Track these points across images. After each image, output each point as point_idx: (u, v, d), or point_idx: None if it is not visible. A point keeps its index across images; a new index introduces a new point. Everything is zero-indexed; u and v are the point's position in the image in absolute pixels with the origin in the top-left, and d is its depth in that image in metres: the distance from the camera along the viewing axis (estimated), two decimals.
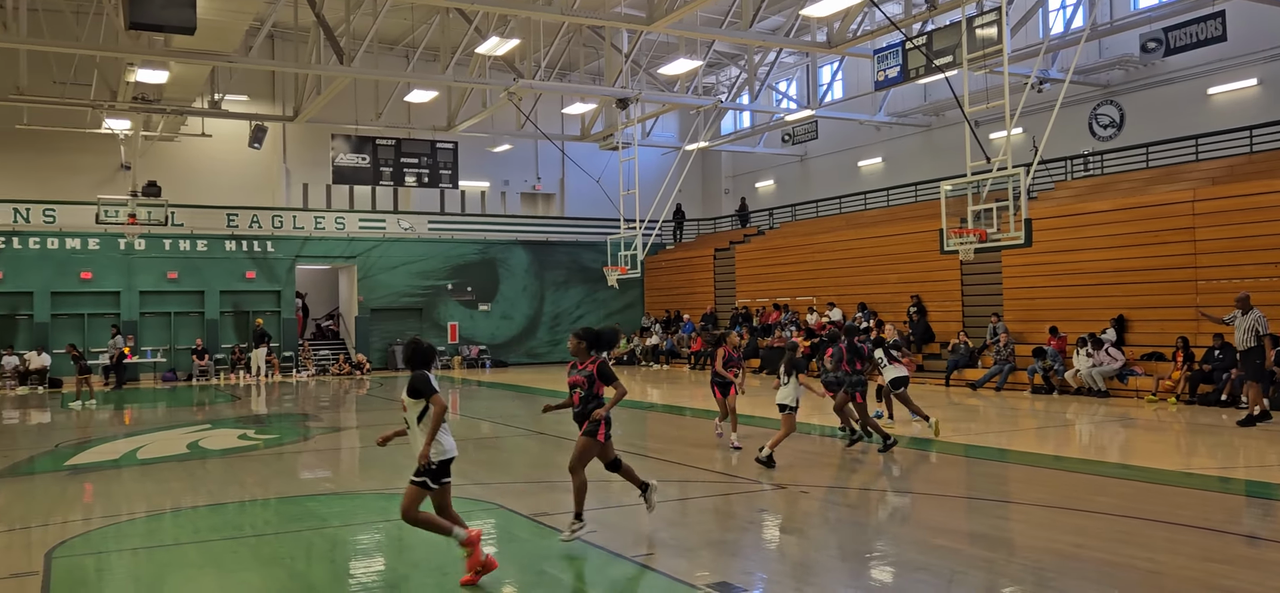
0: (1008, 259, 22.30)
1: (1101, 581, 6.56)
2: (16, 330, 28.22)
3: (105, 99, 25.36)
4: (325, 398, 23.01)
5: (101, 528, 8.76)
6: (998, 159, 16.15)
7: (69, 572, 7.21)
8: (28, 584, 6.87)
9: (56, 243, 28.82)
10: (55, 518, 9.25)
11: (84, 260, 29.06)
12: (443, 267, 33.94)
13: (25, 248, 28.44)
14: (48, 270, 28.61)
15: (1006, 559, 7.25)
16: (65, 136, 29.28)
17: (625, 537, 8.16)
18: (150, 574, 7.30)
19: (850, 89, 30.74)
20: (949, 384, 21.85)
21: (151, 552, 8.04)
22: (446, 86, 27.05)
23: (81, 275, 29.01)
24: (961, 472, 11.39)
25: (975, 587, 6.60)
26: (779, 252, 31.06)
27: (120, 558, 7.76)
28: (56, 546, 7.97)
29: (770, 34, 25.83)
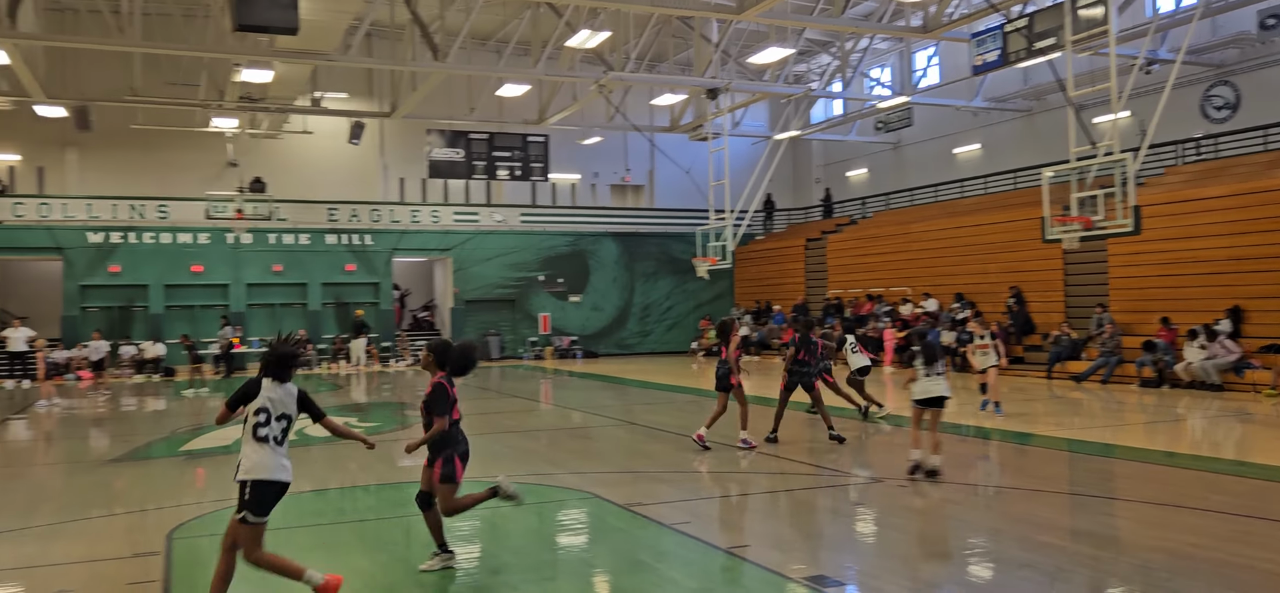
0: (1114, 248, 21.52)
1: (1218, 582, 6.29)
2: (133, 321, 29.60)
3: (213, 99, 26.38)
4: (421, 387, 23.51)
5: (216, 511, 9.12)
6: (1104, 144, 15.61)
7: (188, 552, 7.53)
8: (151, 564, 7.20)
9: (169, 238, 30.10)
10: (173, 501, 9.67)
11: (195, 254, 30.29)
12: (534, 258, 34.36)
13: (140, 243, 29.78)
14: (161, 264, 29.91)
15: (1114, 558, 7.02)
16: (176, 136, 30.55)
17: (718, 528, 8.15)
18: None
19: (946, 74, 30.03)
20: (1051, 377, 21.23)
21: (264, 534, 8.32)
22: (538, 80, 27.33)
23: (192, 269, 30.26)
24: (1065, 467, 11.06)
25: (1081, 585, 6.40)
26: (872, 241, 30.57)
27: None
28: (175, 527, 8.34)
29: (863, 20, 25.43)
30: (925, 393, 9.61)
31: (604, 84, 25.35)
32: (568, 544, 8.03)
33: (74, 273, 29.06)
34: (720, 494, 9.79)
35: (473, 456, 7.13)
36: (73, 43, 23.68)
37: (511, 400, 19.90)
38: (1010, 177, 28.21)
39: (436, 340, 7.09)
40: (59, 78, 26.83)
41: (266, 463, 5.78)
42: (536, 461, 11.93)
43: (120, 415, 18.18)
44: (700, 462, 11.55)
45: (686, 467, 11.21)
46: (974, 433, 13.36)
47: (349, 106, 30.75)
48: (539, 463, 11.75)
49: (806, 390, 12.68)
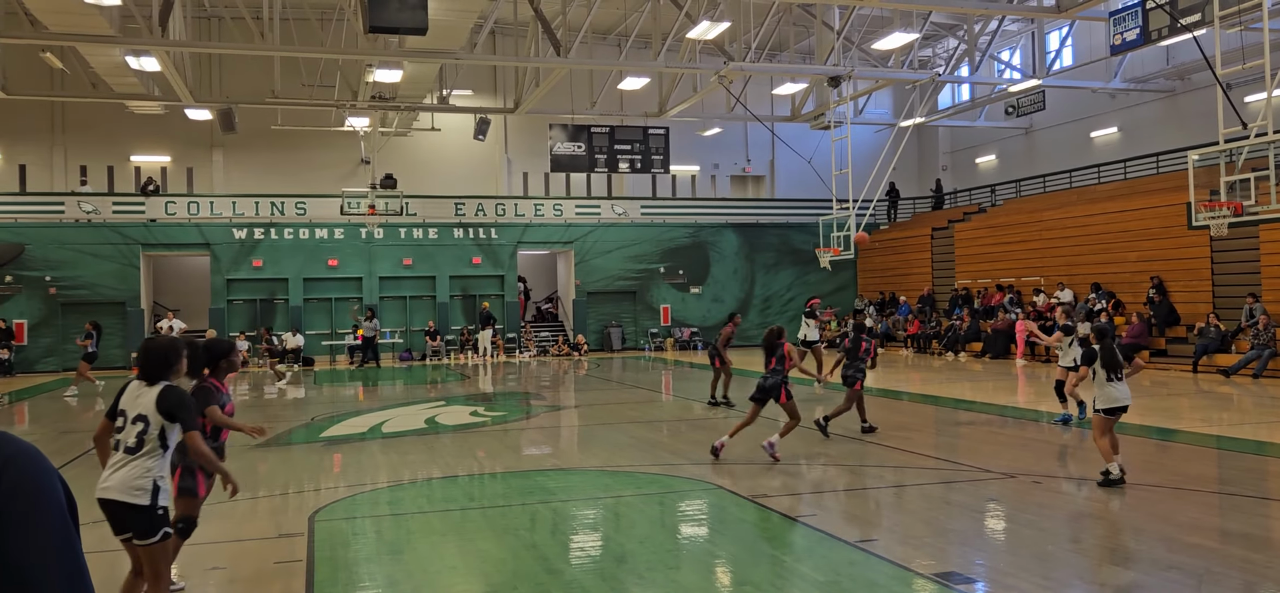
0: (1266, 235, 20.25)
1: None
2: (275, 313, 31.10)
3: (347, 99, 27.45)
4: (546, 378, 23.99)
5: (353, 495, 9.52)
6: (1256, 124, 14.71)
7: (330, 534, 7.89)
8: (296, 544, 7.58)
9: (307, 233, 31.48)
10: (313, 485, 10.14)
11: (331, 249, 31.60)
12: (654, 250, 34.54)
13: (280, 238, 31.24)
14: (300, 258, 31.31)
15: (1269, 561, 6.63)
16: (312, 135, 31.92)
17: (844, 521, 8.06)
18: (399, 538, 7.88)
19: (1081, 55, 28.79)
20: (1197, 370, 20.16)
21: (398, 518, 8.68)
22: (658, 73, 27.44)
23: (329, 263, 31.57)
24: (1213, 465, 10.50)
25: (1233, 589, 6.08)
26: (1002, 230, 29.58)
27: (372, 523, 8.42)
28: (317, 510, 8.74)
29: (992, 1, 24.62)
30: (1112, 402, 8.97)
31: (724, 75, 25.23)
32: (692, 535, 8.07)
33: (220, 267, 30.70)
34: (845, 487, 9.68)
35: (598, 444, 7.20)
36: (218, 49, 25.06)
37: (634, 392, 20.08)
38: (1151, 161, 26.87)
39: (206, 343, 6.22)
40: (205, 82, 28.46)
41: (101, 478, 4.97)
42: (660, 451, 12.02)
43: (262, 403, 19.13)
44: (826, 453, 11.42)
45: (811, 458, 11.11)
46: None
47: (474, 103, 31.54)
48: (663, 454, 11.83)
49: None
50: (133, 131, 31.27)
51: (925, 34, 28.26)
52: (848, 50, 26.42)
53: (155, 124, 30.86)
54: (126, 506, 4.85)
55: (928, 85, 30.15)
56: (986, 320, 27.25)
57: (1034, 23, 29.20)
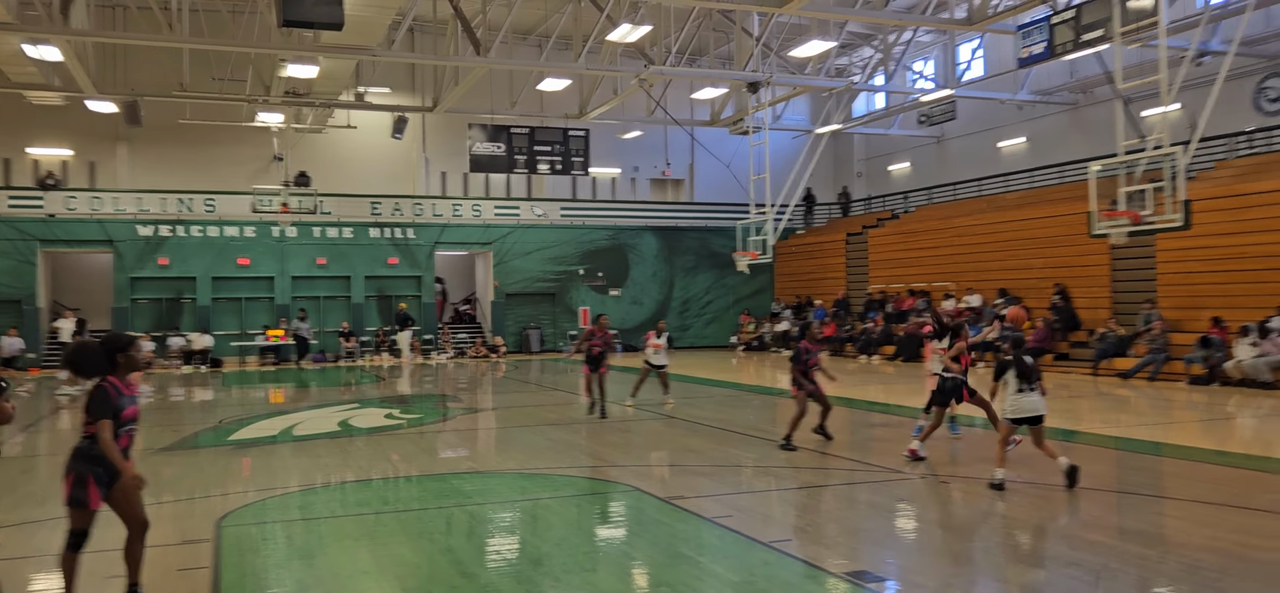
0: (1163, 243, 21.14)
1: (1269, 582, 6.19)
2: (182, 313, 30.15)
3: (259, 94, 26.78)
4: (463, 380, 23.74)
5: (263, 500, 9.28)
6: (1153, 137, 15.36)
7: (237, 539, 7.68)
8: (201, 550, 7.35)
9: (216, 231, 30.61)
10: (220, 489, 9.85)
11: (241, 247, 30.77)
12: (574, 252, 34.48)
13: (188, 235, 30.31)
14: (208, 257, 30.42)
15: (1162, 557, 6.92)
16: (223, 130, 31.04)
17: (760, 522, 8.15)
18: (310, 543, 7.71)
19: (991, 67, 29.65)
20: (1097, 373, 20.92)
21: (309, 523, 8.49)
22: (578, 75, 27.40)
23: (239, 262, 30.74)
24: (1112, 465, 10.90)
25: (1128, 585, 6.32)
26: (914, 236, 30.30)
27: (282, 528, 8.22)
28: (224, 515, 8.50)
29: (906, 12, 25.19)
30: (1020, 411, 9.00)
31: (645, 78, 25.35)
32: (608, 537, 8.07)
33: (124, 265, 29.65)
34: (762, 489, 9.79)
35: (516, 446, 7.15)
36: (123, 39, 24.21)
37: (552, 394, 20.00)
38: (1056, 171, 27.82)
39: (73, 346, 5.89)
40: (109, 73, 27.42)
41: None
42: (578, 454, 11.99)
43: (168, 406, 18.54)
44: (743, 456, 11.55)
45: (727, 461, 11.22)
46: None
47: (392, 101, 31.08)
48: (580, 456, 11.81)
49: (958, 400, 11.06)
50: (31, 122, 29.97)
51: (842, 43, 28.78)
52: (766, 57, 26.76)
53: (55, 115, 29.64)
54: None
55: (844, 93, 30.72)
56: (899, 324, 27.87)
57: (946, 35, 29.99)
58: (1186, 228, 15.15)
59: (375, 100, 30.12)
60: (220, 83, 27.65)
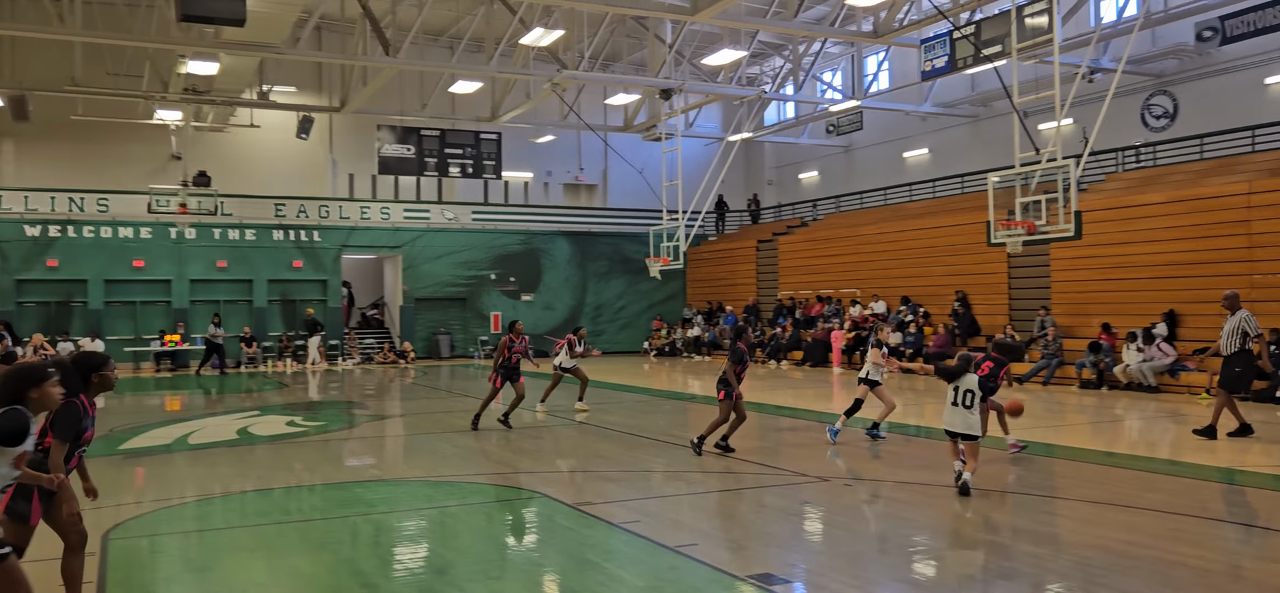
0: (1056, 252, 21.97)
1: (1153, 579, 6.45)
2: (72, 317, 28.90)
3: (157, 91, 25.86)
4: (370, 386, 23.29)
5: (155, 511, 8.94)
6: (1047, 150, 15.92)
7: (125, 553, 7.37)
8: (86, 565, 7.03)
9: (109, 232, 29.44)
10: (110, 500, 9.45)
11: (136, 249, 29.65)
12: (486, 257, 34.17)
13: (80, 236, 29.08)
14: (101, 259, 29.23)
15: (1054, 555, 7.16)
16: (118, 127, 29.89)
17: (667, 527, 8.17)
18: (202, 556, 7.45)
19: (896, 79, 30.42)
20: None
21: (203, 535, 8.20)
22: (491, 77, 27.19)
23: (134, 264, 29.62)
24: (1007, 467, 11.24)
25: (1023, 583, 6.52)
26: (823, 244, 30.86)
27: (173, 540, 7.93)
28: (112, 527, 8.16)
29: (815, 24, 25.66)
30: (949, 425, 9.26)
31: (557, 82, 25.29)
32: (515, 544, 7.99)
33: (9, 267, 28.31)
34: (671, 494, 9.82)
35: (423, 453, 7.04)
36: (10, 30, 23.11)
37: (462, 400, 19.76)
38: (958, 181, 28.65)
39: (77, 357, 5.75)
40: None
41: None
42: (486, 461, 11.86)
43: None
44: (653, 461, 11.57)
45: (638, 466, 11.23)
46: (916, 433, 13.56)
47: (297, 101, 30.34)
48: (489, 463, 11.69)
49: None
50: None
51: (753, 52, 29.18)
52: (679, 64, 26.96)
53: None
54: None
55: (755, 102, 31.14)
56: (807, 330, 28.34)
57: (853, 47, 30.64)
58: (1078, 238, 15.75)
59: (280, 99, 29.39)
60: (115, 78, 26.63)
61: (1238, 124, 21.87)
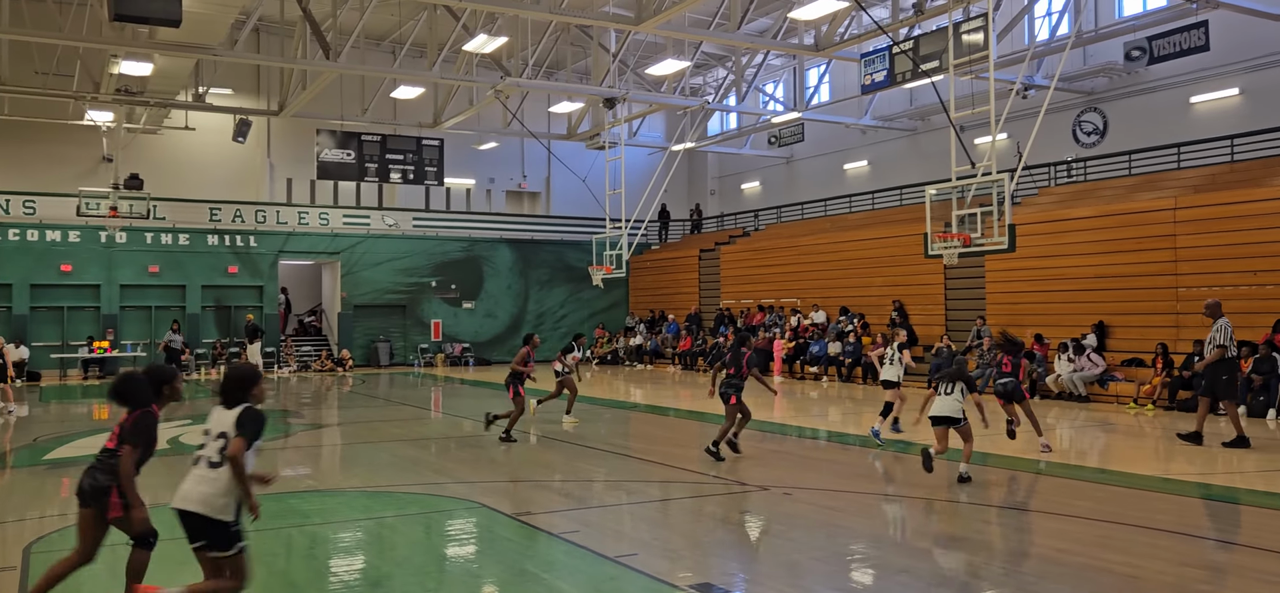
0: (991, 264, 22.41)
1: (1080, 585, 6.60)
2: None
3: (88, 91, 25.17)
4: (306, 394, 22.92)
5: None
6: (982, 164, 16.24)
7: (47, 567, 7.13)
8: (5, 580, 6.81)
9: (36, 235, 28.57)
10: (34, 513, 9.17)
11: (64, 253, 28.82)
12: (427, 264, 33.85)
13: (4, 239, 28.18)
14: (27, 262, 28.35)
15: (987, 562, 7.30)
16: (47, 128, 29.04)
17: (608, 537, 8.16)
18: None
19: (837, 92, 30.82)
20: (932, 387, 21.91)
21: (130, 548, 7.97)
22: (433, 83, 26.97)
23: (61, 268, 28.78)
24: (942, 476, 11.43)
25: (956, 589, 6.64)
26: (764, 253, 31.12)
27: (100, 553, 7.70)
28: (35, 541, 7.91)
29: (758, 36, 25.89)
30: (936, 411, 10.58)
31: (501, 89, 25.17)
32: (453, 555, 7.92)
33: None
34: (611, 503, 9.81)
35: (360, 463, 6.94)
36: None
37: (400, 409, 19.55)
38: (896, 193, 29.10)
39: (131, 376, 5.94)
40: None
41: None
42: (424, 470, 11.74)
43: None
44: (594, 471, 11.55)
45: (579, 476, 11.20)
46: (858, 443, 13.72)
47: (234, 103, 29.78)
48: (427, 473, 11.56)
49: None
50: None
51: (697, 63, 29.34)
52: (623, 73, 27.01)
53: None
54: (205, 519, 5.15)
55: (698, 112, 31.31)
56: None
57: (795, 59, 30.97)
58: (1011, 250, 16.07)
59: (216, 101, 28.79)
60: (44, 77, 25.87)
61: (1164, 141, 22.55)
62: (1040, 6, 23.87)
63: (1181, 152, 22.02)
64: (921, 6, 18.93)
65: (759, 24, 27.25)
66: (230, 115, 28.90)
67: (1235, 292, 18.13)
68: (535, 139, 30.99)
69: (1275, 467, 11.78)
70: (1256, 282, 17.91)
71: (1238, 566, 7.10)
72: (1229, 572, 6.93)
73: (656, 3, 19.07)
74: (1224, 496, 9.89)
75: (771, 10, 25.58)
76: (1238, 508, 9.44)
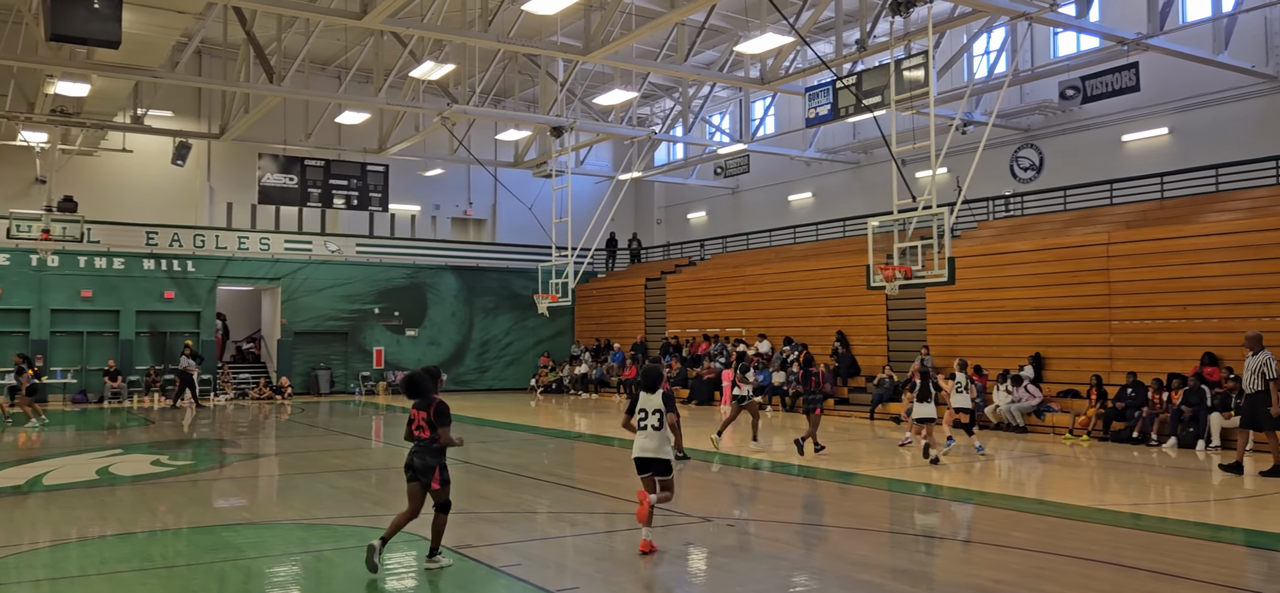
0: (931, 296, 22.78)
1: None
2: None
3: (21, 110, 24.54)
4: (243, 423, 22.45)
5: (3, 558, 8.39)
6: (923, 198, 16.52)
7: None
8: None
9: None
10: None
11: None
12: (370, 290, 33.46)
13: None
14: None
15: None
16: None
17: (550, 570, 8.08)
18: None
19: (782, 124, 31.22)
20: (873, 417, 22.17)
21: (56, 583, 7.72)
22: (379, 109, 26.78)
23: None
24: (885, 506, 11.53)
25: None
26: (710, 283, 31.28)
27: (22, 590, 7.44)
28: None
29: (705, 68, 26.16)
30: (918, 413, 14.57)
31: (447, 116, 25.06)
32: (392, 589, 7.77)
33: None
34: (554, 535, 9.73)
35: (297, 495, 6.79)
36: None
37: (341, 438, 19.22)
38: (840, 224, 29.49)
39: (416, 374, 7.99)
40: None
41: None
42: (364, 502, 11.54)
43: None
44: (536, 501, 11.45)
45: (521, 507, 11.09)
46: (799, 473, 13.79)
47: (174, 126, 29.23)
48: (366, 504, 11.36)
49: None
50: None
51: (644, 93, 29.53)
52: (571, 102, 27.07)
53: None
54: (658, 460, 8.55)
55: (645, 142, 31.47)
56: (693, 368, 28.60)
57: (741, 92, 31.31)
58: (951, 282, 16.35)
59: (155, 123, 28.28)
60: None
61: (1098, 178, 23.17)
62: (979, 45, 24.46)
63: (1114, 188, 22.64)
64: (864, 43, 19.28)
65: (706, 56, 27.54)
66: (170, 138, 28.37)
67: (1166, 325, 18.65)
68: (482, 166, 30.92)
69: (1205, 497, 12.08)
70: (1186, 315, 18.42)
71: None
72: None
73: (604, 34, 19.17)
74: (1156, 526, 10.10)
75: (718, 44, 25.87)
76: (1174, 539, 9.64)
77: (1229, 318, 17.71)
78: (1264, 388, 13.00)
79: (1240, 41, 20.17)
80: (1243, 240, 17.93)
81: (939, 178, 17.05)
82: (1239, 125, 21.20)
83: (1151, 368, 17.95)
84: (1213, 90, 21.42)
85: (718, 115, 33.73)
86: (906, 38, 18.61)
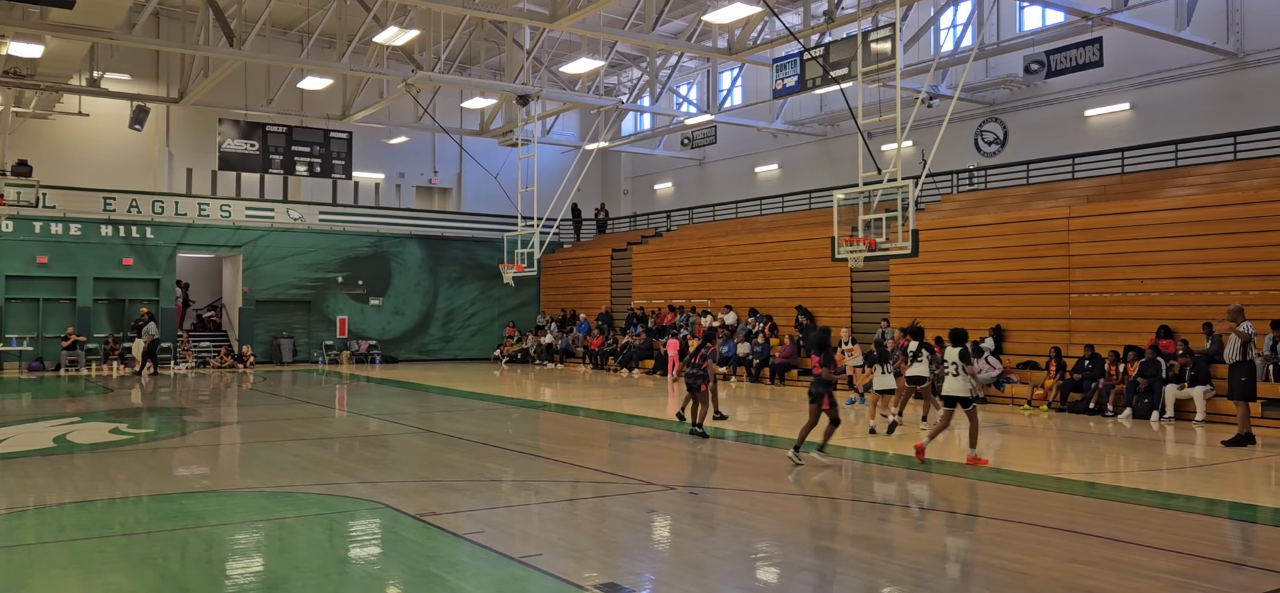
0: (895, 268, 22.96)
1: (972, 581, 6.80)
2: None
3: None
4: (204, 392, 22.21)
5: None
6: (888, 170, 16.61)
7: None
8: None
9: None
10: None
11: None
12: (333, 259, 33.13)
13: None
14: None
15: (886, 560, 7.46)
16: None
17: (513, 538, 8.10)
18: (9, 576, 6.91)
19: (749, 96, 31.19)
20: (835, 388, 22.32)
21: (11, 552, 7.63)
22: (342, 75, 26.42)
23: None
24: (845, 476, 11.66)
25: (855, 587, 6.77)
26: (676, 254, 31.31)
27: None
28: None
29: (672, 38, 26.03)
30: (879, 385, 14.79)
31: (412, 83, 24.80)
32: (355, 557, 7.76)
33: None
34: (518, 503, 9.75)
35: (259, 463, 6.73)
36: None
37: (303, 407, 19.09)
38: (805, 197, 29.59)
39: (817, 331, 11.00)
40: None
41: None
42: (327, 470, 11.48)
43: None
44: (500, 470, 11.46)
45: (484, 476, 11.09)
46: (763, 442, 13.89)
47: (131, 89, 28.67)
48: (329, 473, 11.31)
49: None
50: None
51: (611, 62, 29.36)
52: (537, 71, 26.86)
53: None
54: (960, 398, 11.42)
55: (612, 112, 31.33)
56: (659, 339, 28.66)
57: (709, 62, 31.24)
58: (915, 255, 16.47)
59: (112, 87, 27.72)
60: None
61: (1060, 152, 23.41)
62: (945, 18, 24.56)
63: (1076, 163, 22.89)
64: (832, 14, 19.29)
65: (674, 26, 27.41)
66: (127, 102, 27.83)
67: (1124, 299, 18.94)
68: (447, 135, 30.66)
69: (1158, 466, 12.33)
70: (1143, 290, 18.72)
71: (1124, 562, 7.40)
72: (1116, 568, 7.22)
73: (571, 1, 19.01)
74: (1109, 494, 10.31)
75: (686, 13, 25.75)
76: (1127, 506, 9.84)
77: (1185, 291, 18.03)
78: (1241, 359, 13.23)
79: (1202, 18, 20.41)
80: (1199, 216, 18.23)
81: (904, 151, 17.14)
82: (1198, 102, 21.49)
83: (1109, 341, 18.26)
84: (1174, 67, 21.68)
85: (685, 86, 33.64)
86: (874, 10, 18.65)
